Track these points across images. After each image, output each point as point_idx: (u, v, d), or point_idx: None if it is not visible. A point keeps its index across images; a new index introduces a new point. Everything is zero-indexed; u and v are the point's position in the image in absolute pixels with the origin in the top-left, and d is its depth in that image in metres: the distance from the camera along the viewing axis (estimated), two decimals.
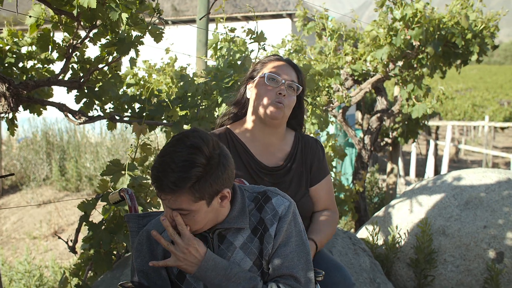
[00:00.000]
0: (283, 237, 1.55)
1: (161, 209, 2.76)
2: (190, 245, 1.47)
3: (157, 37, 2.62)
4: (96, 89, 2.83)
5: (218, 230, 1.54)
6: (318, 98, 3.46)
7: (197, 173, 1.39)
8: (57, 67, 2.80)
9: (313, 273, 1.59)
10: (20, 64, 2.79)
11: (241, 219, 1.55)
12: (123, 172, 2.63)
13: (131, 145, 2.84)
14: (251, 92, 2.13)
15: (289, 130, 2.21)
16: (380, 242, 3.74)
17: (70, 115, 2.80)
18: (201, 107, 3.00)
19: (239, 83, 2.46)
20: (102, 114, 2.92)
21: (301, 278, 1.55)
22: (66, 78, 2.76)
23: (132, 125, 2.85)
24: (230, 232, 1.56)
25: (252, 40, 3.22)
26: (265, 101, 2.04)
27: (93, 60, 2.75)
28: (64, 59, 2.64)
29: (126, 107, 2.97)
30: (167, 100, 2.94)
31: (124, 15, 2.29)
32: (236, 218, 1.54)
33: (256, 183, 2.06)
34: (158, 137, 6.78)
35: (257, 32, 3.20)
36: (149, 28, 2.57)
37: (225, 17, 3.45)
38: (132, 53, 2.61)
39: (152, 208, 2.81)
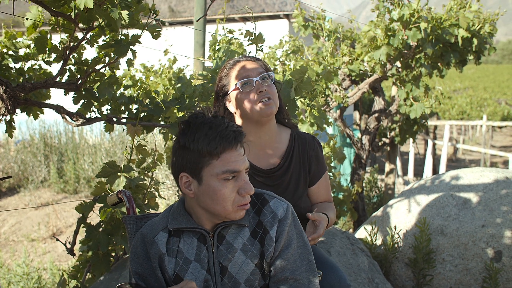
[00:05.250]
0: (285, 240, 1.56)
1: (160, 210, 2.75)
2: None
3: (155, 35, 2.61)
4: (94, 90, 2.82)
5: (218, 229, 1.54)
6: (314, 101, 3.45)
7: None
8: (54, 69, 2.80)
9: (316, 273, 1.59)
10: (18, 66, 2.79)
11: None
12: (118, 174, 2.63)
13: (126, 146, 2.83)
14: (232, 106, 2.12)
15: (284, 128, 2.20)
16: (379, 242, 3.74)
17: (67, 117, 2.79)
18: (198, 109, 2.99)
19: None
20: (99, 116, 2.91)
21: (304, 280, 1.56)
22: (63, 80, 2.76)
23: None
24: (229, 232, 1.56)
25: (250, 42, 3.20)
26: (252, 104, 2.03)
27: (90, 61, 2.75)
28: (62, 61, 2.64)
29: (123, 108, 2.97)
30: (160, 101, 2.93)
31: (125, 12, 2.28)
32: None
33: (255, 187, 2.07)
34: (156, 139, 6.77)
35: (255, 33, 3.19)
36: (146, 28, 2.57)
37: (225, 18, 3.45)
38: (129, 54, 2.61)
39: (150, 209, 2.81)
